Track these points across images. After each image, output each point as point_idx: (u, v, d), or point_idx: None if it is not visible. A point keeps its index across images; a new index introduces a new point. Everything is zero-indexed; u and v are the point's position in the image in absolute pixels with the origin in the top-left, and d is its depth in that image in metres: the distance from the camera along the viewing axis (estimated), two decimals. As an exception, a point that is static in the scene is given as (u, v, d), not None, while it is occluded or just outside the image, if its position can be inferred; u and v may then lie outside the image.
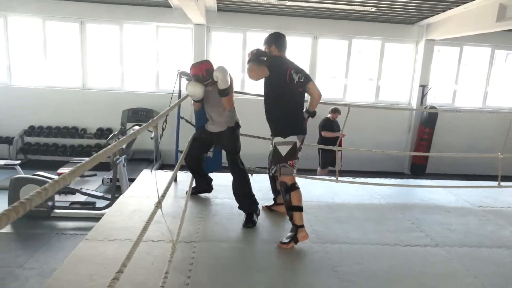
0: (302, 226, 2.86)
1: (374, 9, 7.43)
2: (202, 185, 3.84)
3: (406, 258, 2.80)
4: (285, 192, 2.89)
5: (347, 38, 8.78)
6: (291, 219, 2.88)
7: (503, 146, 4.50)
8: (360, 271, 2.64)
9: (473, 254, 2.89)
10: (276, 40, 3.11)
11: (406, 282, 2.51)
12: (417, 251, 2.91)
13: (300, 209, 2.86)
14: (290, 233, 2.89)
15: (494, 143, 7.62)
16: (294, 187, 2.89)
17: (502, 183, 4.27)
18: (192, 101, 3.47)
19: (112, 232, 2.97)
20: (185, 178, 4.17)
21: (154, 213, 2.25)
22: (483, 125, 8.95)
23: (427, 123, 8.85)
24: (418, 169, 8.97)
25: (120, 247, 2.75)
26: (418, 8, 7.27)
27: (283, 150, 2.87)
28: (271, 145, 3.03)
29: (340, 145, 5.02)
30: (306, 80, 3.00)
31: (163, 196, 2.52)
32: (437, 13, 7.60)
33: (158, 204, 2.34)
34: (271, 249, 2.86)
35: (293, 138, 2.88)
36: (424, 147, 8.80)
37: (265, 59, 2.99)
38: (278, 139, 2.91)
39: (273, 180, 3.42)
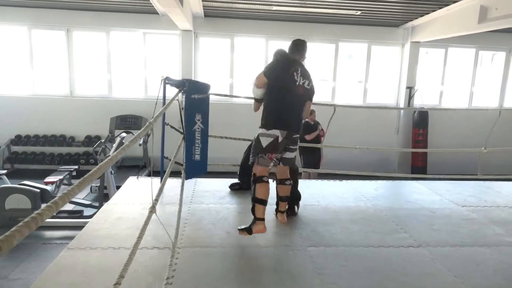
0: (261, 219, 2.93)
1: (359, 12, 7.52)
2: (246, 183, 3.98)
3: (389, 259, 2.82)
4: (252, 183, 2.99)
5: (334, 41, 8.87)
6: (252, 209, 2.97)
7: (486, 141, 4.58)
8: (344, 272, 2.65)
9: (455, 254, 2.92)
10: (291, 45, 3.24)
11: (387, 283, 2.53)
12: (400, 252, 2.92)
13: (262, 202, 2.93)
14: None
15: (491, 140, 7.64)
16: (261, 179, 2.94)
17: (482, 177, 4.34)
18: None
19: (94, 240, 2.95)
20: (172, 184, 4.16)
21: (148, 218, 2.25)
22: (474, 124, 9.04)
23: (420, 124, 8.95)
24: (418, 171, 8.99)
25: (103, 256, 2.73)
26: (402, 11, 7.38)
27: (264, 141, 2.95)
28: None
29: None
30: (310, 93, 3.13)
31: (156, 200, 2.51)
32: (421, 16, 7.72)
33: (152, 209, 2.34)
34: (255, 253, 2.87)
35: (275, 132, 2.93)
36: (421, 148, 8.86)
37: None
38: (261, 130, 2.99)
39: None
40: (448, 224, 3.50)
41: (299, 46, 3.21)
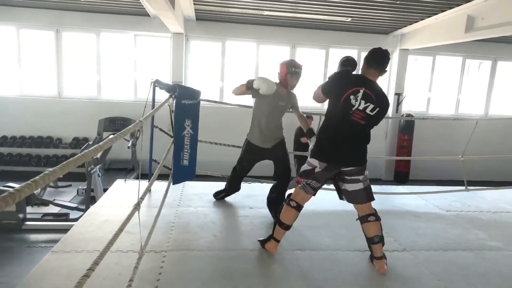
0: (277, 240, 2.81)
1: (349, 19, 7.62)
2: (232, 191, 3.95)
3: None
4: (284, 201, 2.80)
5: (325, 47, 8.96)
6: (273, 226, 2.84)
7: (464, 149, 4.65)
8: (329, 277, 2.67)
9: (439, 258, 2.97)
10: (370, 54, 2.60)
11: (373, 287, 2.56)
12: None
13: (283, 226, 2.75)
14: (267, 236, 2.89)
15: (469, 147, 7.79)
16: (289, 201, 2.74)
17: (469, 187, 4.42)
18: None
19: (80, 243, 2.92)
20: (160, 188, 4.14)
21: (131, 215, 2.22)
22: (459, 130, 9.20)
23: (405, 130, 9.09)
24: (401, 176, 9.17)
25: (88, 259, 2.69)
26: (391, 18, 7.50)
27: (304, 166, 2.71)
28: None
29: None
30: (375, 121, 2.56)
31: (142, 198, 2.49)
32: (410, 24, 7.86)
33: (137, 206, 2.31)
34: (242, 257, 2.87)
35: (314, 162, 2.60)
36: (405, 154, 9.01)
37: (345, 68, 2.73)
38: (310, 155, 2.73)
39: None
40: (432, 229, 3.55)
41: (375, 58, 2.55)
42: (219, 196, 3.96)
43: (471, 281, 2.67)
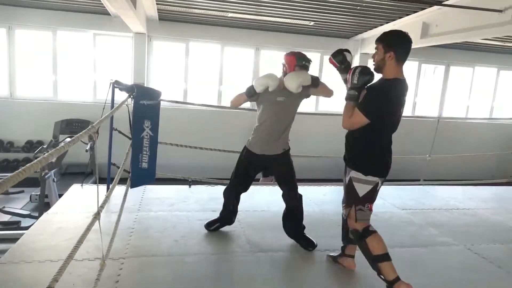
0: (397, 279, 2.29)
1: (312, 23, 7.77)
2: (229, 216, 3.33)
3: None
4: (359, 240, 2.40)
5: (289, 50, 9.06)
6: (379, 274, 2.36)
7: (431, 149, 4.94)
8: (291, 278, 2.71)
9: (395, 255, 3.04)
10: (401, 43, 2.32)
11: (331, 286, 2.62)
12: (344, 255, 3.03)
13: (386, 257, 2.32)
14: None
15: (425, 148, 8.20)
16: (368, 231, 2.38)
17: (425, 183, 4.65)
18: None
19: (30, 253, 2.76)
20: (119, 192, 4.00)
21: (91, 224, 2.12)
22: (415, 131, 9.63)
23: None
24: None
25: (39, 270, 2.56)
26: (352, 24, 7.73)
27: (361, 189, 2.37)
28: (345, 177, 2.52)
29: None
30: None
31: (102, 207, 2.37)
32: (370, 29, 8.14)
33: (97, 216, 2.21)
34: (202, 260, 2.84)
35: (375, 179, 2.37)
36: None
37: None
38: (357, 174, 2.38)
39: (346, 222, 2.67)
40: (389, 227, 3.68)
41: (408, 51, 2.36)
42: (213, 227, 3.34)
43: (425, 277, 2.80)
